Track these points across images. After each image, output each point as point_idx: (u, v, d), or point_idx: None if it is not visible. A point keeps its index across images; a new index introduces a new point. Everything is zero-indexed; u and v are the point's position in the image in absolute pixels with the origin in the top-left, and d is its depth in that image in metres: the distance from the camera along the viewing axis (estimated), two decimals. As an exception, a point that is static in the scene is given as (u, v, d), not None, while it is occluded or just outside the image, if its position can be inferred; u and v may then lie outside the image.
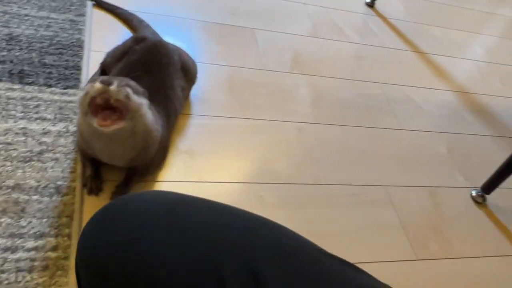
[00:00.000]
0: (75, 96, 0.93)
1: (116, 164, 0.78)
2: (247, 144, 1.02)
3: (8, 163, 0.78)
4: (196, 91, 1.06)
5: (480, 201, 1.08)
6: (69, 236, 0.73)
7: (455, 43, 1.64)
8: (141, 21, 1.14)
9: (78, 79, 0.97)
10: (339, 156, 1.07)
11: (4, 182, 0.76)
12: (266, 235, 0.40)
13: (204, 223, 0.39)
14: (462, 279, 0.91)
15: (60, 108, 0.90)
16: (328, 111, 1.17)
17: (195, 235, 0.38)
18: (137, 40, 0.91)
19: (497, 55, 1.67)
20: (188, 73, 0.96)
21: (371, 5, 1.65)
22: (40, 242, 0.70)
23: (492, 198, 1.10)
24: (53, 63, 0.98)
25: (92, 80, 0.72)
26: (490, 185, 1.08)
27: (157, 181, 0.86)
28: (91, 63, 1.03)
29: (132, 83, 0.69)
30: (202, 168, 0.93)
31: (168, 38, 1.02)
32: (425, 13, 1.73)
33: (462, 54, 1.60)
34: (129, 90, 0.66)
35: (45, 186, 0.77)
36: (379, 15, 1.62)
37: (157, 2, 1.31)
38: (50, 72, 0.96)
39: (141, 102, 0.69)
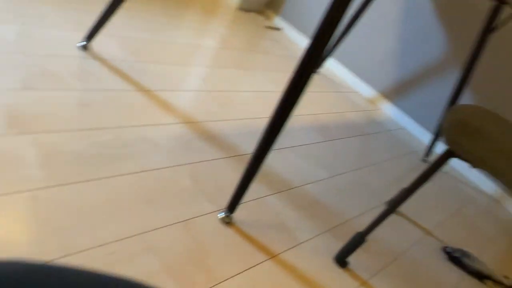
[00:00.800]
0: None
1: None
2: (-34, 233, 0.83)
3: None
4: None
5: (228, 221, 1.18)
6: None
7: (175, 77, 1.75)
8: None
9: None
10: (85, 217, 0.98)
11: None
12: None
13: None
14: (230, 300, 0.97)
15: None
16: (63, 170, 1.07)
17: None
18: None
19: (211, 82, 1.87)
20: None
21: (85, 47, 1.59)
22: None
23: (237, 215, 1.22)
24: None
25: None
26: (233, 204, 1.19)
27: None
28: None
29: None
30: None
31: None
32: (142, 51, 1.79)
33: (182, 86, 1.72)
34: None
35: None
36: (97, 57, 1.58)
37: None
38: None
39: None
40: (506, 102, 2.28)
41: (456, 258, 1.55)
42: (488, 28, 2.01)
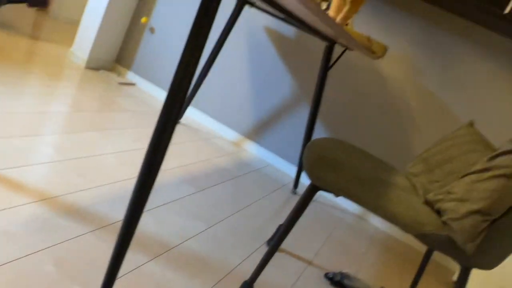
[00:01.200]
0: None
1: None
2: None
3: None
4: None
5: (104, 303, 1.06)
6: None
7: (21, 151, 1.58)
8: None
9: None
10: None
11: None
12: None
13: None
14: None
15: None
16: None
17: None
18: None
19: (67, 150, 1.72)
20: None
21: None
22: None
23: (114, 293, 1.11)
24: None
25: None
26: (108, 282, 1.08)
27: None
28: None
29: None
30: None
31: None
32: (-24, 128, 1.59)
33: (32, 160, 1.56)
34: None
35: None
36: None
37: None
38: None
39: None
40: (352, 130, 2.53)
41: (337, 282, 1.62)
42: (326, 65, 2.24)
